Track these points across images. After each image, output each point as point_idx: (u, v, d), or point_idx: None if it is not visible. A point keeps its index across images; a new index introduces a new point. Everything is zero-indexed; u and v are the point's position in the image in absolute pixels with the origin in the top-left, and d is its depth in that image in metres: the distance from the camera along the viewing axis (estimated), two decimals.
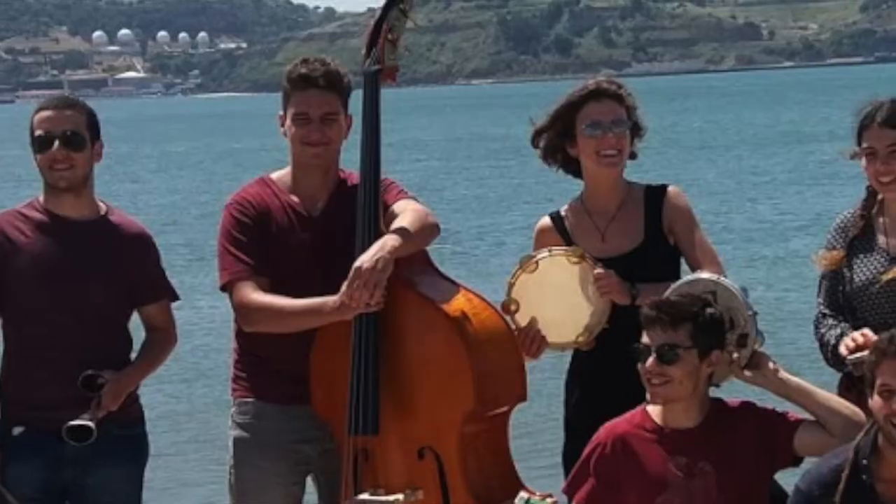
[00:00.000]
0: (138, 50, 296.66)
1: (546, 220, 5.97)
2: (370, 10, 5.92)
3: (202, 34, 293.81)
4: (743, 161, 47.36)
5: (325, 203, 5.82)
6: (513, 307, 5.66)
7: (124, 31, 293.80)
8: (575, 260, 5.67)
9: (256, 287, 5.66)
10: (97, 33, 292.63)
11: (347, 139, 5.80)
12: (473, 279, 5.98)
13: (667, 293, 5.38)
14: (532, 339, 5.66)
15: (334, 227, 5.73)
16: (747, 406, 5.47)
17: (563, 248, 5.74)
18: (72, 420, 5.35)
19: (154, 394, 5.93)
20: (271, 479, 5.86)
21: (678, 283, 5.48)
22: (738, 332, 5.32)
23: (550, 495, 5.37)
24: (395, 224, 5.56)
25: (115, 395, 5.49)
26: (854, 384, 5.27)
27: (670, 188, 5.89)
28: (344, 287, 5.38)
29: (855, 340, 5.25)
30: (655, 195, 5.89)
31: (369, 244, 5.46)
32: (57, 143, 5.53)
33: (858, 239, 5.61)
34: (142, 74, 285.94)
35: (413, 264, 5.62)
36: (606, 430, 5.41)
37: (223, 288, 5.72)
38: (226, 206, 5.75)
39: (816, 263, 5.74)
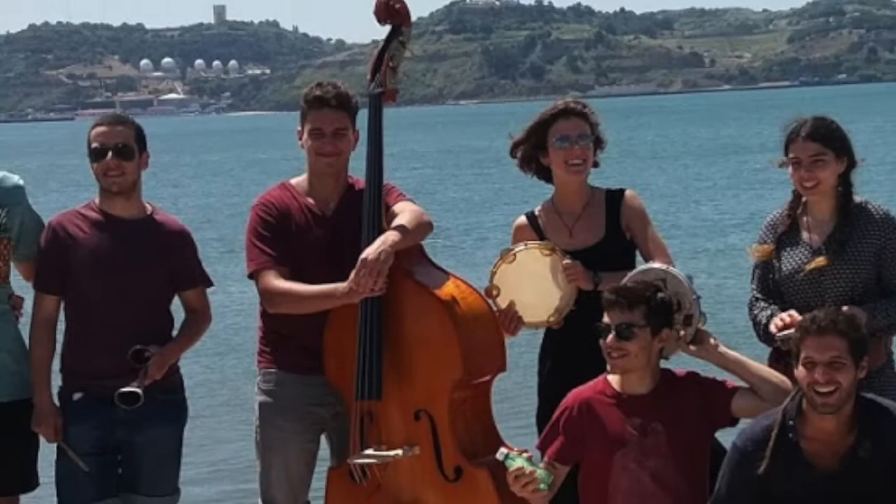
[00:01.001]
0: (178, 75, 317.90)
1: (522, 219, 6.15)
2: (374, 41, 6.02)
3: (233, 62, 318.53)
4: (688, 169, 49.69)
5: (337, 204, 5.96)
6: (494, 292, 5.80)
7: (167, 60, 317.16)
8: (547, 252, 5.82)
9: (278, 275, 5.80)
10: (144, 61, 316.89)
11: (355, 150, 5.98)
12: (461, 268, 6.22)
13: (624, 280, 5.51)
14: (510, 319, 5.80)
15: (344, 225, 5.89)
16: (692, 375, 5.53)
17: (537, 242, 5.91)
18: (122, 387, 5.49)
19: (192, 365, 6.14)
20: (291, 437, 5.97)
21: (634, 271, 5.63)
22: (685, 313, 5.43)
23: (526, 450, 5.41)
24: (396, 222, 5.73)
25: (160, 366, 5.63)
26: (782, 357, 5.41)
27: (627, 192, 6.07)
28: (352, 275, 5.53)
29: (783, 320, 5.42)
30: (614, 198, 6.07)
31: (373, 239, 5.63)
32: (110, 153, 5.71)
33: (786, 235, 5.77)
34: (181, 96, 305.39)
35: (410, 256, 5.79)
36: (573, 395, 5.49)
37: (250, 276, 5.89)
38: (253, 207, 5.94)
39: (750, 255, 5.90)
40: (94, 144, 5.70)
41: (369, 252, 5.50)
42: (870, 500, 5.03)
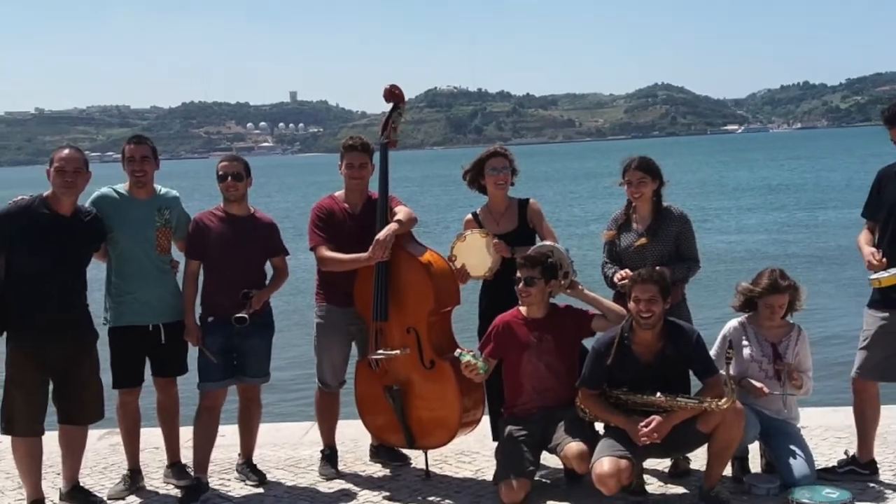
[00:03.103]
0: (269, 132, 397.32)
1: (469, 215, 6.62)
2: (383, 112, 6.37)
3: (301, 124, 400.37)
4: (567, 187, 58.94)
5: (361, 207, 6.46)
6: (453, 259, 6.32)
7: (262, 123, 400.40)
8: (484, 235, 6.32)
9: (327, 249, 6.32)
10: (249, 124, 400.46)
11: (372, 175, 6.48)
12: (434, 245, 6.36)
13: (529, 251, 6.02)
14: (462, 275, 6.32)
15: (365, 219, 6.37)
16: (568, 307, 6.17)
17: (479, 229, 6.40)
18: (236, 314, 5.98)
19: (277, 300, 6.20)
20: (334, 343, 6.50)
21: (534, 246, 6.15)
22: (564, 270, 6.00)
23: (472, 350, 5.99)
24: (396, 217, 6.28)
25: (258, 301, 6.15)
26: (620, 296, 6.00)
27: (531, 200, 6.56)
28: (370, 248, 6.08)
29: (621, 275, 5.98)
30: (523, 204, 6.54)
31: (383, 227, 6.19)
32: (230, 178, 6.25)
33: (623, 225, 6.29)
34: (271, 144, 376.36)
35: (405, 237, 6.33)
36: (499, 319, 6.10)
37: (311, 249, 6.44)
38: (312, 209, 6.49)
39: (602, 237, 6.42)
40: (220, 172, 6.26)
41: (380, 235, 6.11)
42: (672, 380, 5.61)
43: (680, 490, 5.90)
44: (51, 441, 5.91)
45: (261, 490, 6.24)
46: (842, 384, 6.35)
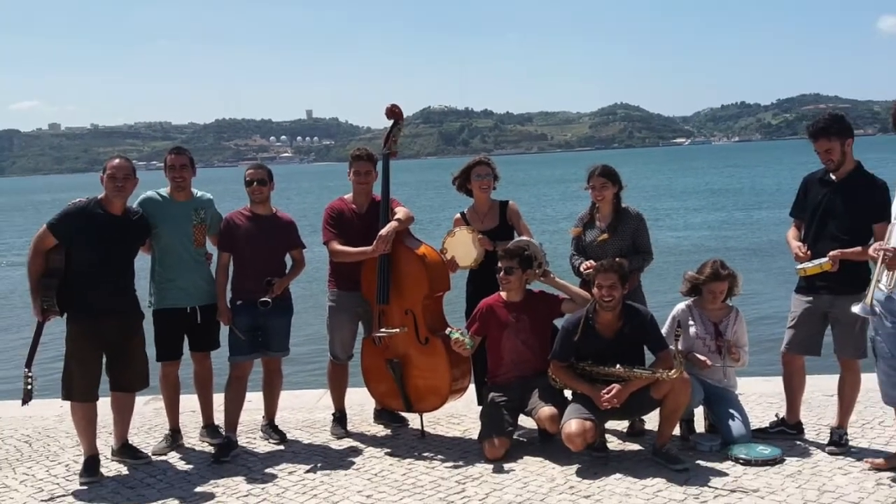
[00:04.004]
0: (288, 144, 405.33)
1: (458, 215, 6.57)
2: (385, 127, 6.36)
3: (315, 137, 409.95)
4: (540, 191, 58.56)
5: (366, 208, 6.45)
6: (444, 251, 6.31)
7: (283, 136, 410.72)
8: (470, 231, 6.30)
9: (338, 243, 6.33)
10: (272, 137, 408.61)
11: (375, 181, 6.45)
12: (428, 239, 6.33)
13: (508, 245, 6.04)
14: (452, 264, 6.31)
15: (370, 218, 6.36)
16: (541, 292, 6.16)
17: (466, 226, 6.37)
18: (261, 298, 6.03)
19: (295, 287, 6.17)
20: (344, 322, 6.52)
21: (513, 241, 6.14)
22: (538, 261, 6.02)
23: (460, 329, 6.03)
24: (396, 216, 6.27)
25: (279, 287, 6.17)
26: (586, 283, 5.99)
27: (510, 202, 6.52)
28: (374, 242, 6.10)
29: (587, 265, 5.99)
30: (504, 204, 6.51)
31: (385, 224, 6.19)
32: (255, 183, 6.26)
33: (588, 222, 6.28)
34: (290, 155, 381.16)
35: (403, 232, 6.31)
36: (483, 302, 6.13)
37: (324, 243, 6.43)
38: (325, 209, 6.49)
39: (570, 232, 6.36)
40: (247, 178, 6.29)
41: (382, 231, 6.14)
42: (629, 354, 5.61)
43: (636, 447, 5.89)
44: (104, 406, 5.92)
45: (282, 447, 6.25)
46: (773, 357, 6.31)
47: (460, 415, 6.76)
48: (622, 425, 6.19)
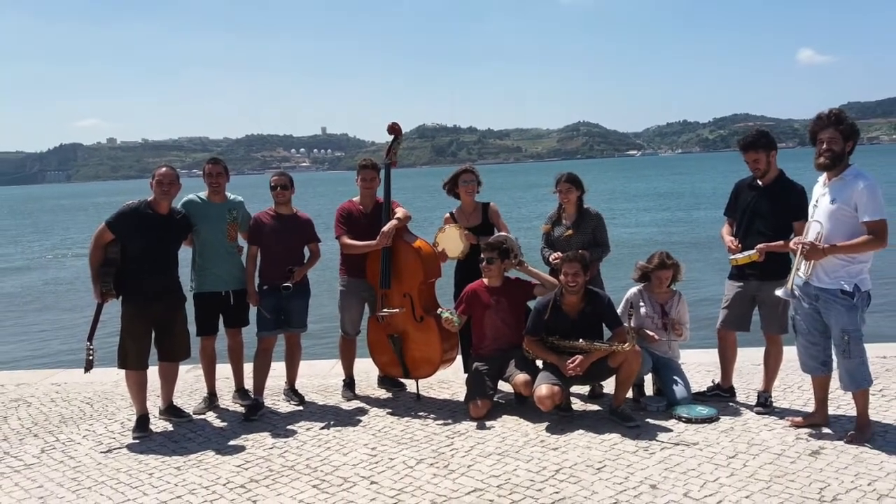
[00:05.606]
0: (306, 155, 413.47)
1: (448, 214, 6.50)
2: (387, 141, 6.22)
3: (329, 150, 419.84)
4: (517, 195, 56.37)
5: (371, 209, 6.33)
6: (436, 245, 6.25)
7: (302, 149, 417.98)
8: (458, 228, 6.26)
9: (348, 238, 6.24)
10: (293, 150, 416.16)
11: (378, 186, 6.35)
12: (423, 235, 6.24)
13: (490, 239, 5.99)
14: (443, 255, 6.26)
15: (374, 217, 6.26)
16: (517, 279, 6.08)
17: (454, 224, 6.33)
18: (283, 283, 5.97)
19: (312, 274, 5.93)
20: (353, 303, 6.42)
21: (493, 236, 6.08)
22: (514, 253, 5.95)
23: (449, 309, 5.96)
24: (396, 215, 6.19)
25: (299, 274, 6.10)
26: (554, 271, 5.94)
27: (491, 203, 6.46)
28: (378, 238, 6.03)
29: (554, 257, 5.94)
30: (486, 205, 6.44)
31: (387, 222, 6.12)
32: (279, 188, 6.17)
33: (556, 221, 6.21)
34: (308, 164, 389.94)
35: (402, 229, 6.23)
36: (468, 287, 6.08)
37: (336, 238, 6.33)
38: (337, 210, 6.36)
39: (541, 229, 6.25)
40: (272, 184, 6.20)
41: (385, 228, 6.07)
42: (590, 330, 5.54)
43: (596, 408, 5.85)
44: (153, 373, 5.87)
45: (301, 407, 6.18)
46: (710, 333, 6.27)
47: (449, 381, 6.67)
48: (584, 389, 6.11)
